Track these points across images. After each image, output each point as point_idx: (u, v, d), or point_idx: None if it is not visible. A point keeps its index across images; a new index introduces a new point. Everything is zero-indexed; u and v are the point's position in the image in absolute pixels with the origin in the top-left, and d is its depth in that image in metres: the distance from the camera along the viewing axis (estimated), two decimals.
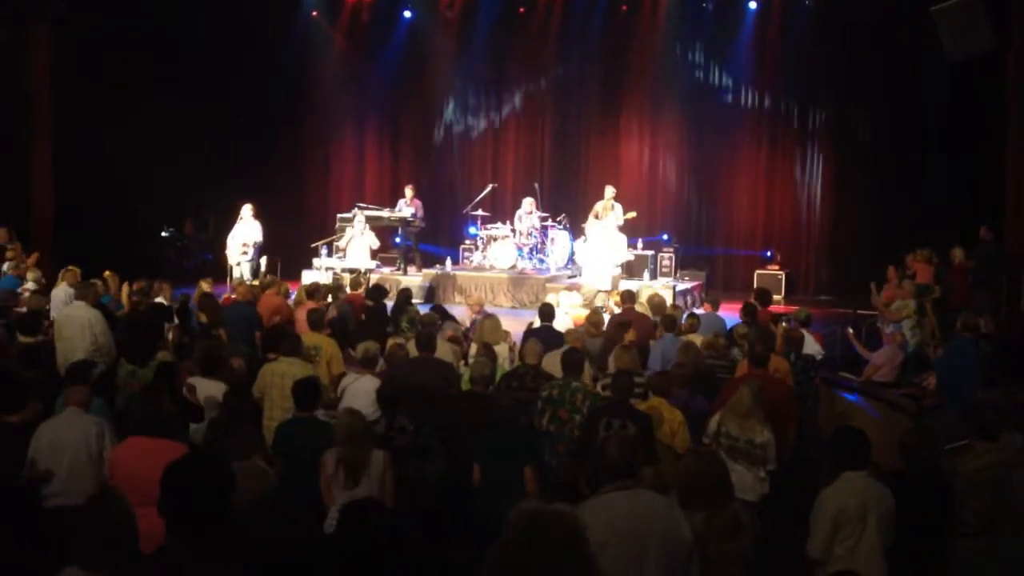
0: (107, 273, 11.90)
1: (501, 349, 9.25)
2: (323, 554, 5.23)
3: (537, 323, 10.23)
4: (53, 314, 10.38)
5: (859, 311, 14.21)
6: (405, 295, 11.49)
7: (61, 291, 11.12)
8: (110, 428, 6.25)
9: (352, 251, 15.75)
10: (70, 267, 11.59)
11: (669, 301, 13.16)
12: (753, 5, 18.39)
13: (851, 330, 12.07)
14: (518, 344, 9.43)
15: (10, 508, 5.82)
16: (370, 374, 7.66)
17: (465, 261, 17.96)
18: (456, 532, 5.99)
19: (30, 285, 11.87)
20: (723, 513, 4.45)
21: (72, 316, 9.34)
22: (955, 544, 5.44)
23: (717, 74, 19.06)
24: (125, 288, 11.65)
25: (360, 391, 7.43)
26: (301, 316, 10.46)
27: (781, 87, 18.59)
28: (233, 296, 11.64)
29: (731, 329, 10.02)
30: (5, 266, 12.92)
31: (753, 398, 6.48)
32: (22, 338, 8.99)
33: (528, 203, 17.11)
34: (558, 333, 9.55)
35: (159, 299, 11.03)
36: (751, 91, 18.88)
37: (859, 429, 5.50)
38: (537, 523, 2.87)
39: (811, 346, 10.28)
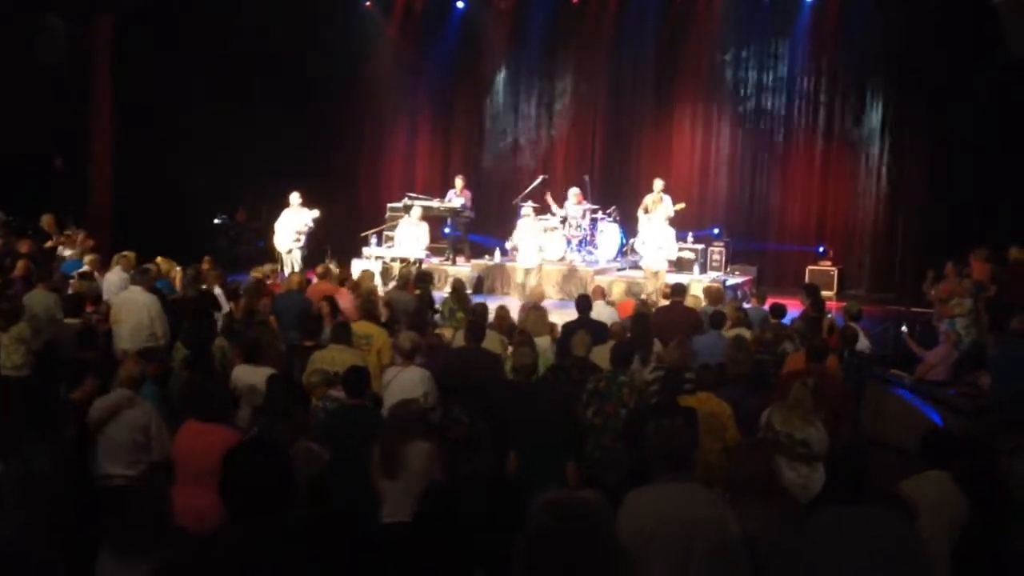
0: (160, 259, 12.06)
1: (543, 341, 9.14)
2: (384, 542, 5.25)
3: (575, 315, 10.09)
4: (107, 298, 10.51)
5: (913, 308, 13.99)
6: (461, 285, 11.42)
7: (115, 276, 11.22)
8: (157, 412, 6.36)
9: (403, 240, 15.80)
10: (125, 253, 11.74)
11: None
12: None
13: (905, 329, 11.90)
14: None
15: (76, 484, 5.94)
16: (414, 364, 7.49)
17: (514, 252, 17.92)
18: (504, 524, 5.95)
19: (85, 269, 12.06)
20: (773, 507, 4.39)
21: (128, 300, 9.49)
22: (1008, 546, 5.35)
23: (772, 67, 18.84)
24: (179, 273, 11.80)
25: (407, 383, 7.23)
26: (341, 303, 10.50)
27: (837, 81, 18.34)
28: (287, 284, 11.74)
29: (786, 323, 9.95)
30: (68, 251, 13.12)
31: (808, 394, 6.36)
32: (67, 320, 9.17)
33: (573, 194, 17.01)
34: (600, 324, 9.48)
35: (210, 286, 11.16)
36: (806, 84, 18.66)
37: (950, 431, 5.56)
38: (558, 512, 2.84)
39: (861, 341, 10.16)
